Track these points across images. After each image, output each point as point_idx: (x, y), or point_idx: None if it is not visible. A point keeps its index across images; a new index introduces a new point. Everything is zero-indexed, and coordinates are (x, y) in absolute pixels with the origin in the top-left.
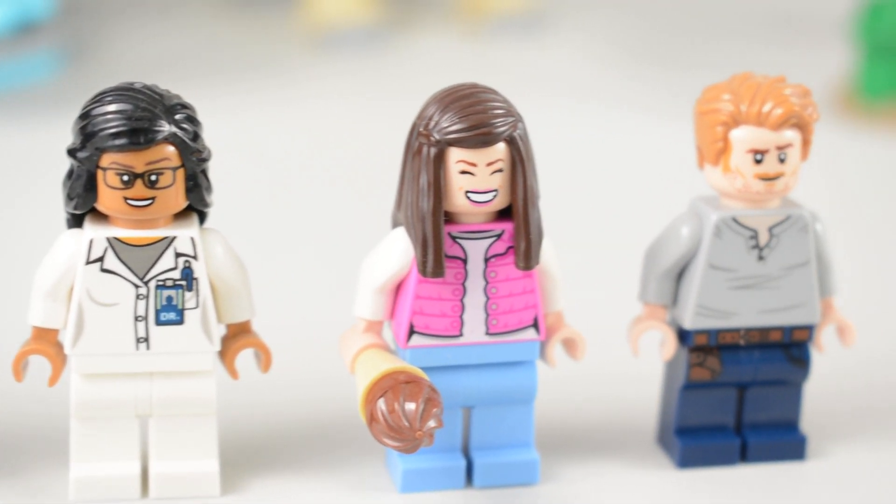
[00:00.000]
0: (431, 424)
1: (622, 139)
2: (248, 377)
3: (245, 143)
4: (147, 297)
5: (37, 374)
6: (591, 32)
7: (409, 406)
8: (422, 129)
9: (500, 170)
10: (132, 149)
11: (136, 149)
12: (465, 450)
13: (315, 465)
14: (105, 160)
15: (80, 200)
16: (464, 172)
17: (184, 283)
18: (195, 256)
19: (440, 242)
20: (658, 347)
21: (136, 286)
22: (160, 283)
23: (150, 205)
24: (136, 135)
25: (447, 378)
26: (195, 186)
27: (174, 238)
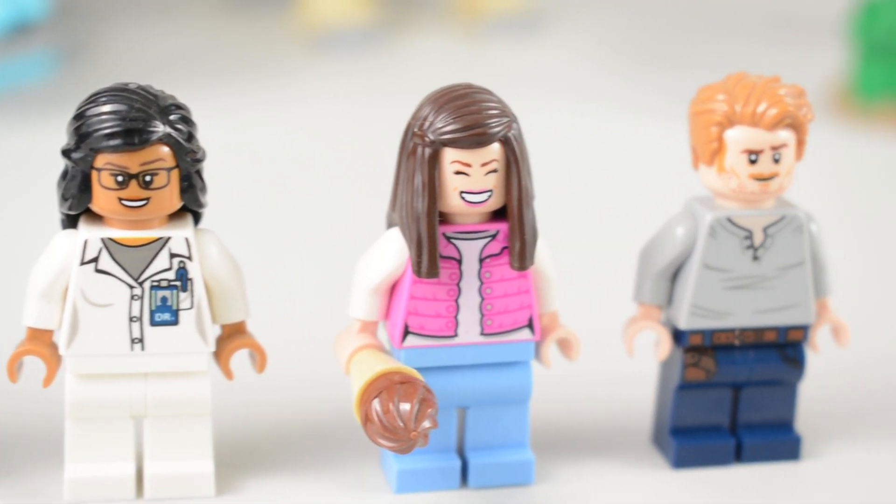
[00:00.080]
0: (426, 425)
1: (617, 139)
2: (243, 378)
3: (241, 144)
4: (142, 298)
5: (31, 375)
6: (587, 33)
7: (404, 406)
8: (416, 130)
9: (495, 170)
10: (127, 149)
11: (131, 149)
12: (460, 450)
13: (310, 466)
14: (99, 161)
15: (75, 201)
16: (458, 173)
17: (178, 284)
18: (190, 257)
19: (435, 243)
20: (653, 348)
21: (131, 287)
22: (155, 284)
23: (145, 205)
24: (131, 135)
25: (442, 378)
26: (190, 187)
27: (169, 239)
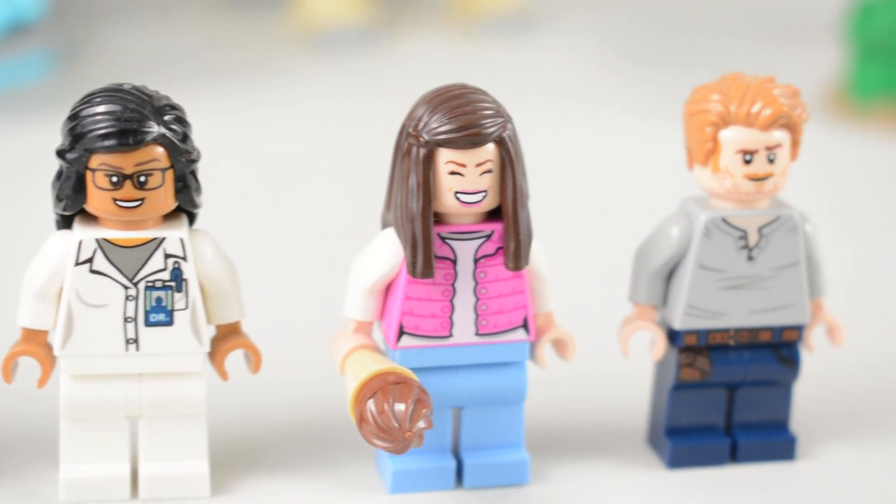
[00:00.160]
0: (421, 425)
1: (612, 139)
2: (238, 378)
3: (236, 144)
4: (136, 299)
5: (26, 376)
6: (583, 33)
7: (399, 407)
8: (411, 130)
9: (490, 170)
10: (121, 150)
11: (125, 150)
12: (455, 450)
13: (305, 466)
14: (94, 161)
15: (70, 202)
16: (453, 173)
17: (173, 285)
18: (184, 257)
19: (430, 243)
20: (648, 348)
21: (126, 287)
22: (149, 285)
23: (140, 206)
24: (125, 136)
25: (437, 379)
26: (184, 187)
27: (163, 239)
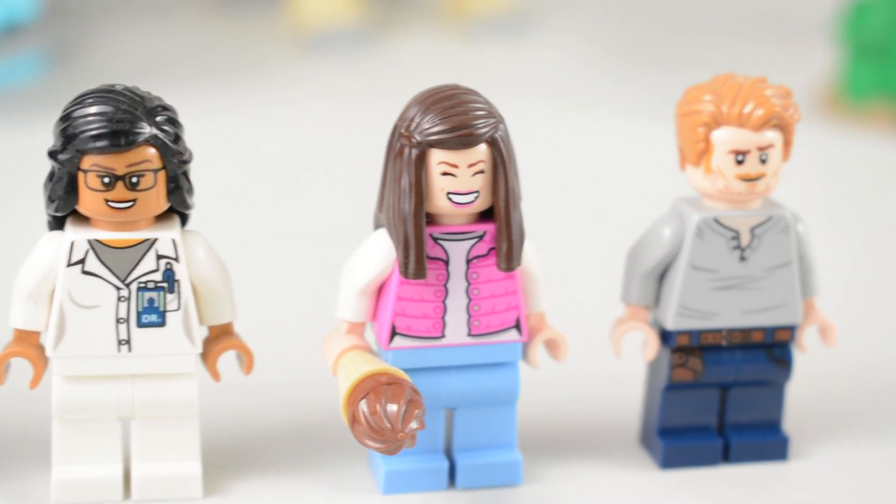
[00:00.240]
0: (413, 426)
1: (605, 140)
2: (230, 379)
3: (229, 144)
4: (128, 300)
5: (18, 377)
6: (576, 33)
7: (391, 408)
8: (403, 131)
9: (482, 171)
10: (113, 151)
11: (117, 151)
12: (448, 451)
13: (297, 467)
14: (86, 162)
15: (61, 203)
16: (445, 174)
17: (165, 285)
18: (177, 258)
19: (422, 244)
20: (640, 348)
21: (118, 288)
22: (142, 286)
23: (132, 207)
24: (117, 137)
25: (429, 379)
26: (176, 188)
27: (155, 240)
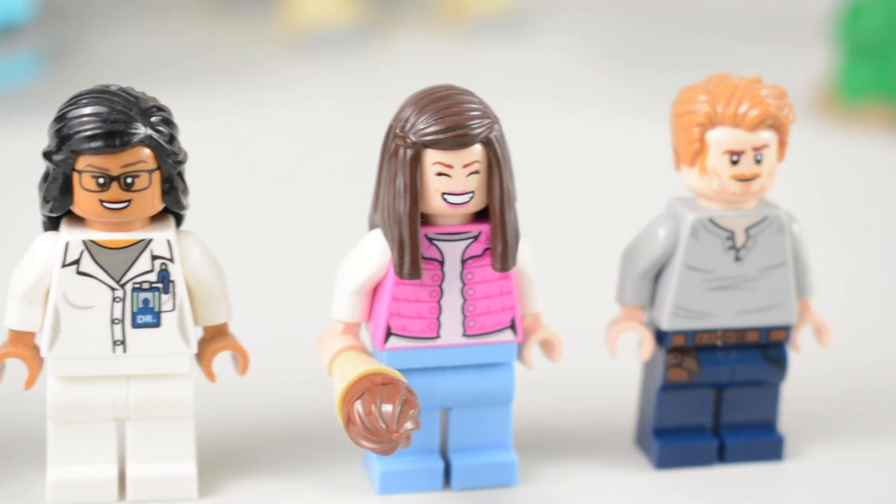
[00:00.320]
0: (408, 426)
1: (600, 140)
2: (226, 379)
3: (224, 145)
4: (123, 300)
5: (13, 378)
6: (573, 33)
7: (386, 408)
8: (398, 131)
9: (477, 171)
10: (107, 151)
11: (112, 151)
12: (443, 451)
13: (293, 468)
14: (81, 163)
15: (56, 203)
16: (440, 174)
17: (160, 286)
18: (171, 259)
19: (417, 244)
20: (635, 348)
21: (113, 289)
22: (136, 286)
23: (126, 207)
24: (112, 137)
25: (424, 380)
26: (171, 189)
27: (150, 241)
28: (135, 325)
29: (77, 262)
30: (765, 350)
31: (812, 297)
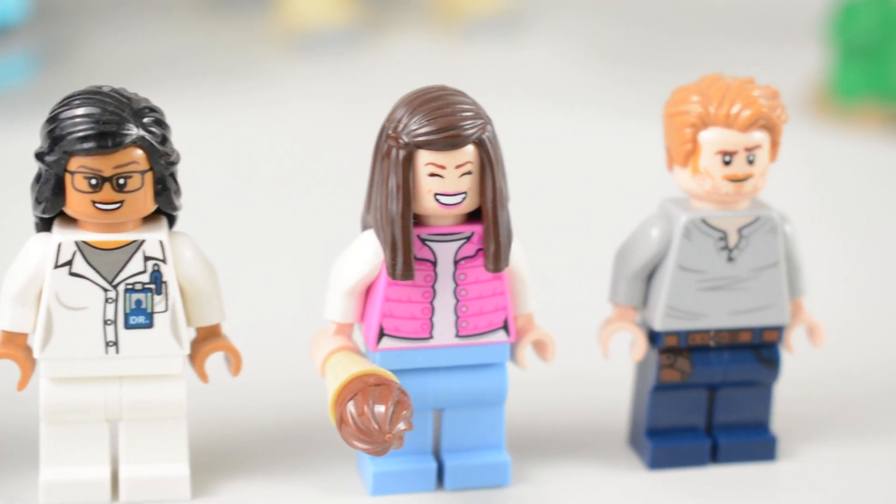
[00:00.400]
0: (401, 427)
1: (593, 141)
2: (218, 380)
3: (217, 145)
4: (116, 301)
5: (6, 379)
6: (567, 33)
7: (379, 409)
8: (390, 132)
9: (469, 172)
10: (100, 152)
11: (104, 152)
12: (436, 452)
13: (286, 468)
14: (73, 164)
15: (49, 204)
16: (433, 175)
17: (153, 287)
18: (164, 260)
19: (409, 245)
20: (628, 349)
21: (105, 290)
22: (129, 287)
23: (119, 208)
24: (104, 138)
25: (417, 380)
26: (164, 190)
27: (143, 242)
28: (127, 326)
29: (69, 263)
30: (757, 350)
31: (804, 298)
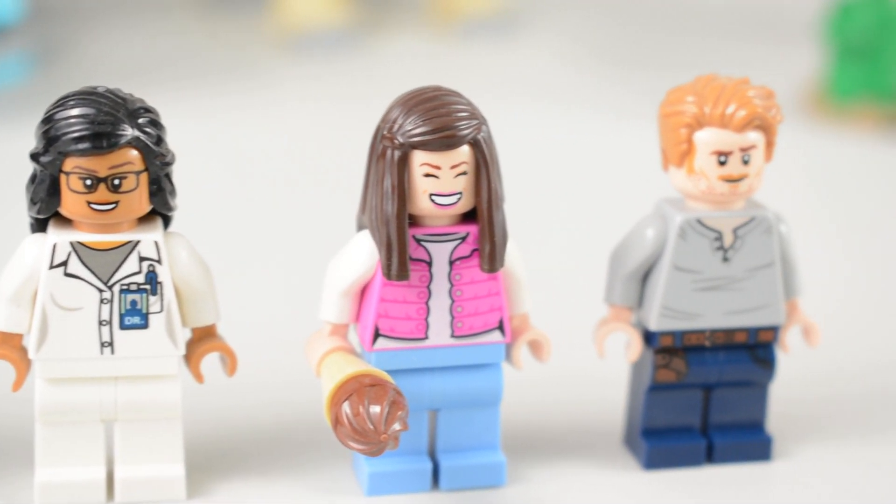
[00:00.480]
0: (396, 427)
1: (589, 141)
2: (214, 381)
3: (213, 146)
4: (111, 302)
5: (0, 379)
6: (563, 34)
7: (374, 409)
8: (386, 133)
9: (464, 172)
10: (95, 153)
11: (99, 153)
12: (432, 452)
13: (281, 469)
14: (68, 164)
15: (44, 205)
16: (428, 175)
17: (148, 288)
18: (159, 260)
19: (405, 245)
20: (624, 349)
21: (101, 290)
22: (124, 288)
23: (114, 209)
24: (99, 139)
25: (413, 381)
26: (159, 190)
27: (138, 242)
28: (122, 327)
29: (65, 264)
30: (753, 350)
31: (800, 298)
